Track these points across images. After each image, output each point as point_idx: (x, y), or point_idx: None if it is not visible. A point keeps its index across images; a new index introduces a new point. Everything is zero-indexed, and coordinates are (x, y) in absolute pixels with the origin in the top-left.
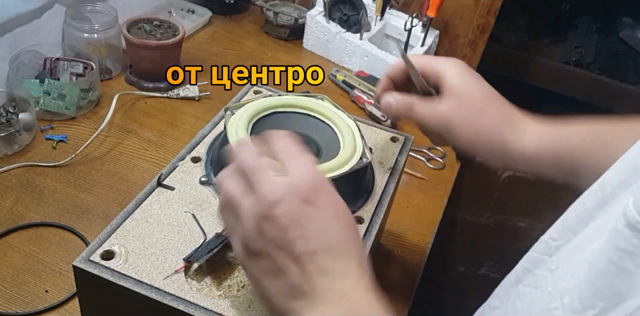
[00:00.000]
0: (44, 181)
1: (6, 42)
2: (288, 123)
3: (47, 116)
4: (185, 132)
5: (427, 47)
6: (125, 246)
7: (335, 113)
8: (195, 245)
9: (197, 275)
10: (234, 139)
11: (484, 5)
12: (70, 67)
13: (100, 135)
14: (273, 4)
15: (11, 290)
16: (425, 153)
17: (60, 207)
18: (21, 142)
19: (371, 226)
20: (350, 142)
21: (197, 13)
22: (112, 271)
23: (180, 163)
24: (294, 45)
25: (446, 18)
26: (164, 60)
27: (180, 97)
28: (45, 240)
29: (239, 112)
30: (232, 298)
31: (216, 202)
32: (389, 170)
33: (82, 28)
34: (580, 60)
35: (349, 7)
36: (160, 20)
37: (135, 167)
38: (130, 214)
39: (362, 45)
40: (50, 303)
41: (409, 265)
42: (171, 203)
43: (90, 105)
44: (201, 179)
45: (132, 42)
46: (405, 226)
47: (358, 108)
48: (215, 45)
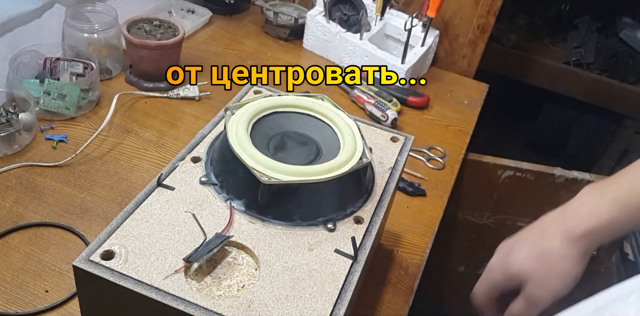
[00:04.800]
0: (44, 181)
1: (6, 42)
2: (288, 123)
3: (47, 116)
4: (185, 132)
5: (427, 47)
6: (125, 246)
7: (335, 113)
8: (195, 245)
9: (197, 275)
10: (234, 139)
11: (484, 5)
12: (70, 67)
13: (100, 135)
14: (273, 4)
15: (11, 290)
16: (425, 153)
17: (60, 207)
18: (21, 142)
19: (371, 226)
20: (350, 142)
21: (197, 13)
22: (112, 271)
23: (180, 163)
24: (294, 45)
25: (446, 18)
26: (164, 60)
27: (180, 97)
28: (45, 240)
29: (239, 112)
30: (232, 298)
31: (216, 201)
32: (389, 170)
33: (82, 28)
34: (580, 60)
35: (349, 7)
36: (160, 20)
37: (135, 167)
38: (130, 214)
39: (362, 45)
40: (50, 303)
41: (409, 265)
42: (171, 203)
43: (90, 105)
44: (201, 179)
45: (132, 42)
46: (405, 226)
47: (358, 108)
48: (215, 45)
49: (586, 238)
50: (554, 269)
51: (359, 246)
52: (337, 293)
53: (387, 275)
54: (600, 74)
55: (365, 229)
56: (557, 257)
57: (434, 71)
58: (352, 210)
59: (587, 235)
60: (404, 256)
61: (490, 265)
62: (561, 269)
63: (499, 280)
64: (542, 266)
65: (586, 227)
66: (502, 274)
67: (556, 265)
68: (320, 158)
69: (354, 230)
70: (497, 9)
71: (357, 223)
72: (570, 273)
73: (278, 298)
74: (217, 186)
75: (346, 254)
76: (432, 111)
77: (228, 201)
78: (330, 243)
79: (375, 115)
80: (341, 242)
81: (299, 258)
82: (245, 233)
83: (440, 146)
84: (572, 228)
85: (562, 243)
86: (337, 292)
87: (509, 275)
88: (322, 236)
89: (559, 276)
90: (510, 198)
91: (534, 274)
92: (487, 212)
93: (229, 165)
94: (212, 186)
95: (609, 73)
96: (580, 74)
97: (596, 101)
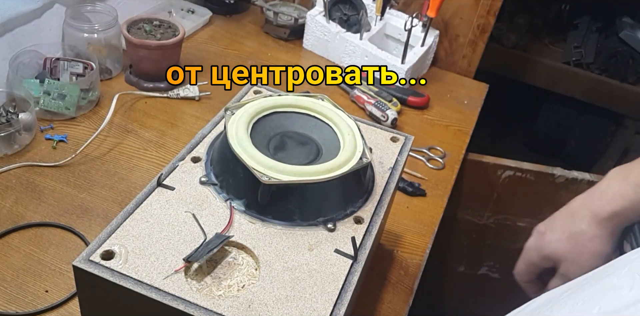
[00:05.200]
0: (44, 181)
1: (6, 42)
2: (288, 123)
3: (47, 116)
4: (185, 132)
5: (427, 47)
6: (125, 246)
7: (335, 113)
8: (195, 245)
9: (197, 275)
10: (234, 139)
11: (484, 5)
12: (70, 67)
13: (100, 135)
14: (273, 4)
15: (11, 290)
16: (425, 153)
17: (60, 207)
18: (21, 142)
19: (371, 226)
20: (350, 142)
21: (197, 13)
22: (112, 271)
23: (180, 163)
24: (294, 45)
25: (446, 18)
26: (164, 60)
27: (180, 97)
28: (45, 240)
29: (239, 112)
30: (232, 298)
31: (216, 201)
32: (389, 170)
33: (82, 28)
34: (580, 60)
35: (349, 7)
36: (160, 20)
37: (135, 167)
38: (130, 214)
39: (362, 45)
40: (50, 303)
41: (409, 265)
42: (171, 203)
43: (90, 105)
44: (201, 179)
45: (132, 42)
46: (405, 226)
47: (358, 108)
48: (215, 45)
49: (613, 219)
50: (585, 249)
51: (359, 246)
52: (337, 293)
53: (387, 275)
54: (600, 74)
55: (365, 229)
56: (588, 238)
57: (434, 71)
58: (352, 210)
59: (613, 217)
60: (404, 256)
61: (527, 247)
62: (592, 248)
63: (536, 260)
64: (574, 246)
65: (611, 209)
66: (538, 255)
67: (587, 244)
68: (320, 159)
69: (354, 230)
70: (497, 9)
71: (357, 223)
72: (601, 252)
73: (278, 298)
74: (217, 186)
75: (346, 254)
76: (432, 111)
77: (228, 201)
78: (330, 243)
79: (375, 115)
80: (341, 242)
81: (299, 258)
82: (245, 233)
83: (440, 146)
84: (599, 210)
85: (590, 224)
86: (337, 292)
87: (544, 255)
88: (322, 236)
89: (591, 255)
90: (510, 198)
91: (568, 254)
92: (487, 212)
93: (229, 165)
94: (212, 186)
95: (609, 73)
96: (580, 74)
97: (596, 101)
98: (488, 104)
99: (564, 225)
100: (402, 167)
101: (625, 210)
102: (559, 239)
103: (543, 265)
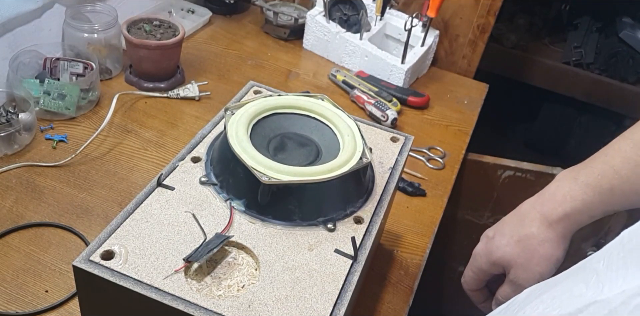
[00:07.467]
0: (44, 181)
1: (6, 42)
2: (288, 124)
3: (47, 116)
4: (185, 132)
5: (427, 47)
6: (125, 246)
7: (335, 113)
8: (195, 245)
9: (197, 275)
10: (234, 139)
11: (484, 5)
12: (70, 67)
13: (100, 135)
14: (273, 4)
15: (11, 290)
16: (425, 153)
17: (60, 207)
18: (21, 142)
19: (371, 226)
20: (350, 142)
21: (197, 13)
22: (112, 271)
23: (180, 163)
24: (294, 45)
25: (446, 18)
26: (164, 60)
27: (180, 97)
28: (45, 240)
29: (239, 112)
30: (232, 298)
31: (216, 201)
32: (389, 170)
33: (82, 28)
34: (580, 60)
35: (349, 7)
36: (160, 20)
37: (135, 167)
38: (130, 214)
39: (362, 45)
40: (50, 303)
41: (409, 265)
42: (171, 203)
43: (90, 105)
44: (201, 179)
45: (132, 42)
46: (405, 226)
47: (358, 108)
48: (215, 45)
49: (563, 221)
50: (535, 253)
51: (359, 247)
52: (337, 293)
53: (387, 275)
54: (600, 74)
55: (365, 229)
56: (538, 241)
57: (434, 71)
58: (352, 210)
59: (563, 219)
60: (404, 256)
61: (475, 253)
62: (542, 252)
63: (484, 267)
64: (523, 251)
65: (562, 211)
66: (487, 260)
67: (537, 248)
68: (319, 160)
69: (354, 230)
70: (497, 9)
71: (357, 223)
72: (552, 256)
73: (278, 298)
74: (217, 186)
75: (346, 254)
76: (432, 111)
77: (228, 201)
78: (330, 243)
79: (375, 115)
80: (341, 242)
81: (299, 258)
82: (245, 233)
83: (440, 146)
84: (549, 212)
85: (540, 227)
86: (337, 292)
87: (493, 261)
88: (322, 236)
89: (541, 259)
90: (510, 198)
91: (517, 259)
92: (487, 212)
93: (229, 165)
94: (212, 186)
95: (609, 73)
96: (580, 74)
97: (596, 101)
98: (488, 104)
99: (513, 228)
100: (402, 167)
101: (575, 211)
102: (507, 243)
103: (492, 271)
